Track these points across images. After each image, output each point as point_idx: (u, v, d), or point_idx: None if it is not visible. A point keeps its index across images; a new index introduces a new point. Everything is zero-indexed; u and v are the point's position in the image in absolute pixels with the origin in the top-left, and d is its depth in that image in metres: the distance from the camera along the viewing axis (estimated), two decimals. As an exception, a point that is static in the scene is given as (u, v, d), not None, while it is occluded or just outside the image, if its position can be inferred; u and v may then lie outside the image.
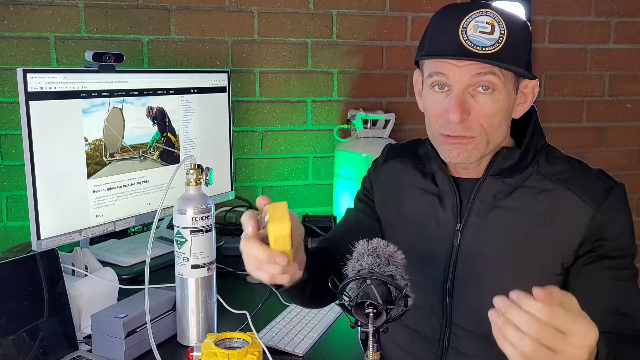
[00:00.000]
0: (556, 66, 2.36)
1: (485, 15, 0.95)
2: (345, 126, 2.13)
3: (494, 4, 2.15)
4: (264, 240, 0.85)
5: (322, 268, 0.99)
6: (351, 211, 1.26)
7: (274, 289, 1.02)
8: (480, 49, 0.93)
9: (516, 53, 0.96)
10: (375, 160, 1.25)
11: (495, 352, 1.02)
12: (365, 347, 0.81)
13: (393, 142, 2.01)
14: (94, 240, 1.70)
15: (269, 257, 0.84)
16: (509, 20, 0.96)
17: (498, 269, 1.03)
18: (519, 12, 2.20)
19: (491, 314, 0.73)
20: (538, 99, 2.33)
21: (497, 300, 0.72)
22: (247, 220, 0.86)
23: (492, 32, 0.94)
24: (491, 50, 0.93)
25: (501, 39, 0.94)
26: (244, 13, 2.07)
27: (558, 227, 1.00)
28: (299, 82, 2.14)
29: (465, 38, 0.94)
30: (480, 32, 0.94)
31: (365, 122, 2.05)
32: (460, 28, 0.94)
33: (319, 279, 0.95)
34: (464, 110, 0.96)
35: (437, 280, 1.08)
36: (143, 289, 1.13)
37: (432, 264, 1.07)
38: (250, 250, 0.86)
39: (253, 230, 0.86)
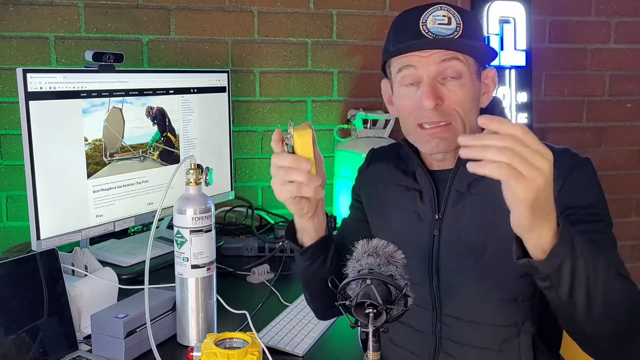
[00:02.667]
0: (556, 66, 2.36)
1: (441, 9, 1.03)
2: (345, 126, 2.13)
3: (494, 4, 2.17)
4: None
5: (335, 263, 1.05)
6: (346, 221, 1.31)
7: (297, 261, 1.08)
8: (441, 37, 1.01)
9: (474, 41, 1.04)
10: (359, 167, 1.30)
11: (485, 336, 1.06)
12: (365, 347, 0.81)
13: (393, 142, 2.01)
14: (93, 240, 1.70)
15: (295, 161, 0.92)
16: (462, 13, 1.04)
17: (479, 254, 1.06)
18: (519, 12, 2.20)
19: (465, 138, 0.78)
20: (538, 99, 2.34)
21: (479, 121, 0.78)
22: (276, 139, 0.95)
23: (449, 23, 1.02)
24: (451, 37, 1.01)
25: (458, 27, 1.02)
26: (244, 13, 2.07)
27: None
28: (299, 82, 2.14)
29: (427, 31, 1.02)
30: (439, 24, 1.02)
31: (365, 122, 2.05)
32: (420, 23, 1.02)
33: (336, 263, 1.03)
34: (437, 96, 1.02)
35: (423, 272, 1.10)
36: (143, 289, 1.13)
37: (417, 257, 1.10)
38: (279, 161, 0.94)
39: (280, 146, 0.95)
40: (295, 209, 0.99)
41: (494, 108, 1.13)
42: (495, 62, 2.21)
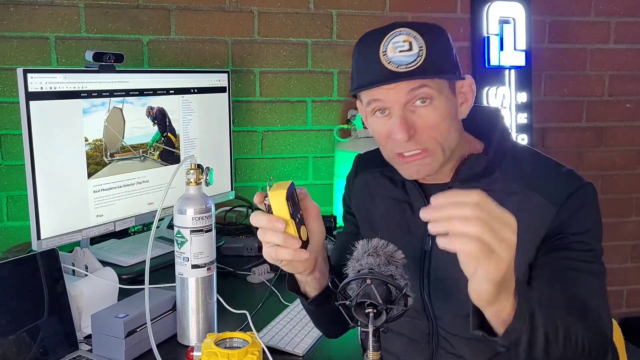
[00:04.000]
0: (556, 66, 2.36)
1: (400, 34, 0.96)
2: (345, 126, 2.13)
3: (494, 4, 2.17)
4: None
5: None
6: (341, 235, 1.29)
7: (303, 304, 1.07)
8: (404, 67, 0.95)
9: (440, 60, 0.98)
10: (347, 176, 1.26)
11: (478, 349, 1.05)
12: (365, 347, 0.81)
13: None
14: (94, 240, 1.70)
15: (269, 221, 0.90)
16: (423, 32, 0.97)
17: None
18: (519, 12, 2.21)
19: (426, 212, 0.74)
20: (538, 99, 2.34)
21: (433, 201, 0.74)
22: (257, 201, 0.95)
23: (410, 49, 0.96)
24: (415, 65, 0.95)
25: (421, 51, 0.96)
26: (244, 13, 2.07)
27: (525, 229, 0.96)
28: (299, 82, 2.14)
29: (388, 61, 0.96)
30: (400, 51, 0.96)
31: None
32: (381, 53, 0.97)
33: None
34: (409, 128, 0.97)
35: (414, 287, 1.05)
36: (143, 288, 1.13)
37: (406, 268, 1.07)
38: (254, 221, 0.93)
39: (259, 199, 0.95)
40: (289, 270, 0.97)
41: (494, 123, 1.09)
42: (495, 62, 2.21)
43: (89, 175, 1.51)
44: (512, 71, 2.23)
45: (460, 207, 0.71)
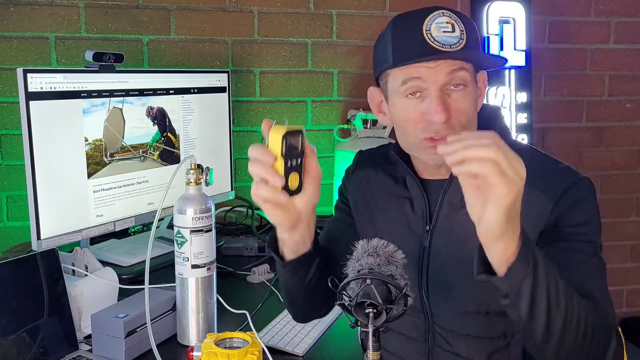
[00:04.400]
0: (556, 66, 2.36)
1: (443, 15, 0.97)
2: (345, 126, 2.13)
3: (494, 4, 2.17)
4: None
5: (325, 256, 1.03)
6: (331, 222, 1.26)
7: (278, 271, 1.04)
8: (449, 47, 0.95)
9: (477, 46, 1.00)
10: (347, 169, 1.25)
11: (475, 347, 1.05)
12: (365, 347, 0.81)
13: (392, 142, 2.01)
14: (94, 240, 1.70)
15: (260, 152, 0.87)
16: (462, 17, 0.99)
17: (469, 269, 1.02)
18: (519, 12, 2.21)
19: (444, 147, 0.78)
20: (538, 99, 2.34)
21: (449, 138, 0.78)
22: (264, 124, 0.91)
23: (453, 30, 0.96)
24: (458, 46, 0.96)
25: (462, 34, 0.97)
26: (244, 13, 2.07)
27: (525, 223, 0.99)
28: (299, 82, 2.14)
29: (432, 40, 0.95)
30: (443, 32, 0.96)
31: (365, 122, 2.05)
32: (424, 31, 0.96)
33: (325, 261, 1.02)
34: (447, 109, 0.97)
35: (412, 283, 1.04)
36: (143, 288, 1.13)
37: (406, 267, 1.07)
38: (250, 150, 0.89)
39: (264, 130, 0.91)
40: (268, 215, 0.95)
41: (493, 121, 1.10)
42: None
43: (89, 175, 1.51)
44: (512, 71, 2.23)
45: (477, 138, 0.76)
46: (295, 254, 1.00)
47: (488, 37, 2.20)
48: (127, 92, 1.60)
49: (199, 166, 1.20)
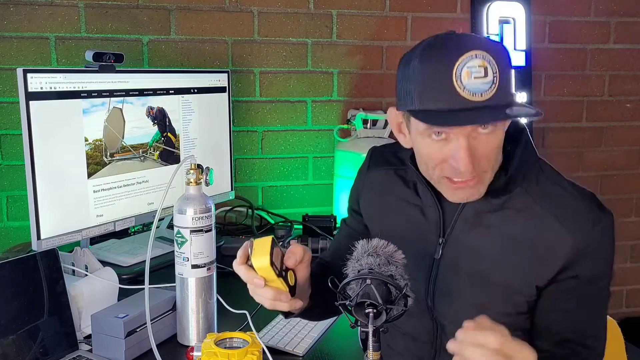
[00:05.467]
0: (556, 66, 2.36)
1: (476, 58, 0.87)
2: (345, 126, 2.13)
3: (494, 4, 2.17)
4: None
5: (326, 288, 0.97)
6: (344, 226, 1.28)
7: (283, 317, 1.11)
8: (480, 95, 0.87)
9: (509, 87, 0.92)
10: (360, 168, 1.23)
11: None
12: (365, 347, 0.81)
13: (392, 142, 2.01)
14: (94, 240, 1.70)
15: (249, 278, 0.95)
16: (495, 53, 0.89)
17: (477, 286, 1.03)
18: (519, 12, 2.20)
19: (449, 346, 0.82)
20: (538, 99, 2.34)
21: (458, 335, 0.82)
22: (239, 251, 0.97)
23: (486, 75, 0.87)
24: (490, 94, 0.88)
25: (495, 79, 0.88)
26: (244, 13, 2.07)
27: (538, 252, 0.98)
28: (299, 82, 2.14)
29: (462, 88, 0.87)
30: (475, 77, 0.87)
31: (365, 122, 2.05)
32: (454, 77, 0.87)
33: (325, 299, 1.00)
34: (472, 156, 0.91)
35: (420, 292, 1.07)
36: (143, 288, 1.13)
37: (414, 276, 1.01)
38: (238, 272, 0.98)
39: (241, 259, 0.97)
40: (273, 308, 1.01)
41: (518, 139, 1.03)
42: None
43: (89, 175, 1.51)
44: (512, 71, 2.23)
45: (477, 349, 0.79)
46: (298, 311, 1.06)
47: (488, 37, 2.20)
48: (127, 92, 1.60)
49: (199, 166, 1.20)
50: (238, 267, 0.97)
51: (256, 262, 0.92)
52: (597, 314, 1.03)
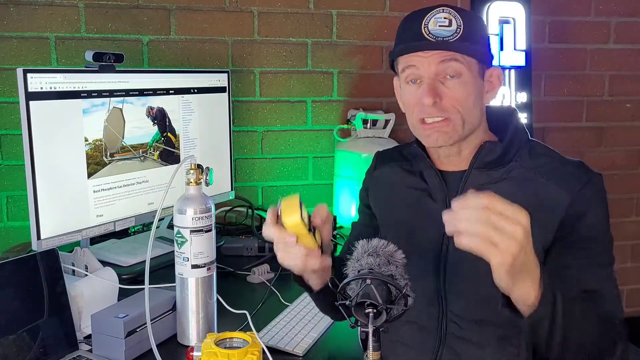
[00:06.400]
0: (556, 66, 2.36)
1: (442, 12, 1.07)
2: (345, 126, 2.13)
3: (494, 4, 2.17)
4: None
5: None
6: (356, 226, 1.34)
7: (312, 296, 1.13)
8: (441, 39, 1.05)
9: (473, 41, 1.07)
10: (367, 170, 1.33)
11: (487, 333, 1.08)
12: (365, 347, 0.81)
13: (394, 142, 2.01)
14: (94, 240, 1.70)
15: (280, 237, 0.97)
16: (464, 15, 1.07)
17: None
18: (519, 12, 2.20)
19: (445, 215, 0.84)
20: (538, 99, 2.34)
21: (453, 205, 0.83)
22: (268, 212, 1.00)
23: (450, 25, 1.06)
24: (451, 39, 1.05)
25: (459, 29, 1.05)
26: (244, 13, 2.07)
27: (541, 215, 1.04)
28: (299, 82, 2.14)
29: (428, 32, 1.06)
30: (439, 26, 1.06)
31: (365, 122, 2.05)
32: (423, 25, 1.07)
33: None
34: (436, 94, 1.06)
35: (430, 270, 1.13)
36: (143, 289, 1.13)
37: (425, 254, 1.13)
38: (267, 234, 0.99)
39: (271, 220, 0.99)
40: (296, 272, 1.05)
41: (509, 121, 1.17)
42: (495, 62, 2.21)
43: (89, 175, 1.51)
44: (512, 71, 2.23)
45: (468, 210, 0.81)
46: (321, 285, 1.08)
47: (488, 37, 2.20)
48: (127, 92, 1.60)
49: (199, 166, 1.20)
50: (270, 228, 0.98)
51: (287, 219, 0.94)
52: (604, 275, 1.06)
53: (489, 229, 0.79)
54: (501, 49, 2.20)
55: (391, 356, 1.18)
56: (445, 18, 1.06)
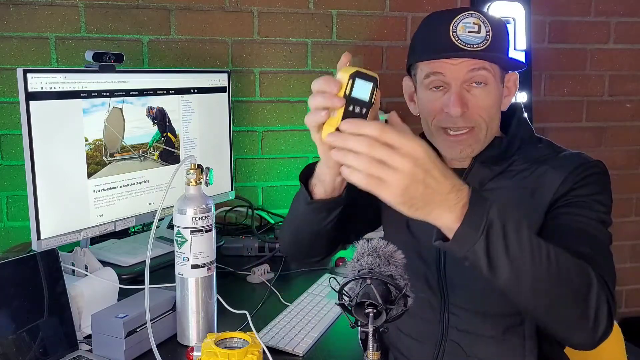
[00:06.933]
0: (556, 66, 2.36)
1: (471, 16, 1.04)
2: (345, 126, 2.13)
3: (494, 4, 2.17)
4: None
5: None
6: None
7: (300, 205, 1.05)
8: (471, 46, 1.03)
9: (501, 48, 1.07)
10: None
11: (491, 325, 1.08)
12: (365, 347, 0.81)
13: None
14: (94, 240, 1.70)
15: (326, 81, 0.85)
16: (491, 20, 1.06)
17: None
18: (519, 12, 2.20)
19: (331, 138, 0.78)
20: (538, 99, 2.34)
21: (341, 127, 0.77)
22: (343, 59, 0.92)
23: (479, 31, 1.04)
24: (481, 47, 1.04)
25: (487, 36, 1.04)
26: (244, 13, 2.07)
27: (537, 199, 1.07)
28: (299, 82, 2.14)
29: (457, 38, 1.03)
30: (469, 32, 1.04)
31: (365, 122, 2.05)
32: (451, 30, 1.04)
33: (335, 225, 1.06)
34: (464, 104, 1.05)
35: (431, 263, 1.12)
36: (143, 289, 1.13)
37: (427, 247, 1.11)
38: (314, 83, 0.87)
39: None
40: (320, 148, 0.89)
41: (513, 113, 1.17)
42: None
43: (89, 175, 1.51)
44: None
45: (355, 141, 0.74)
46: (326, 195, 1.01)
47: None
48: (127, 92, 1.60)
49: (199, 166, 1.20)
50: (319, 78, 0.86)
51: (345, 68, 0.83)
52: (594, 244, 0.97)
53: (373, 163, 0.74)
54: (501, 49, 2.20)
55: (396, 348, 1.18)
56: (474, 24, 1.04)
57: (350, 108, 0.80)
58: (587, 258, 0.91)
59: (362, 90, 0.81)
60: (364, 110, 0.81)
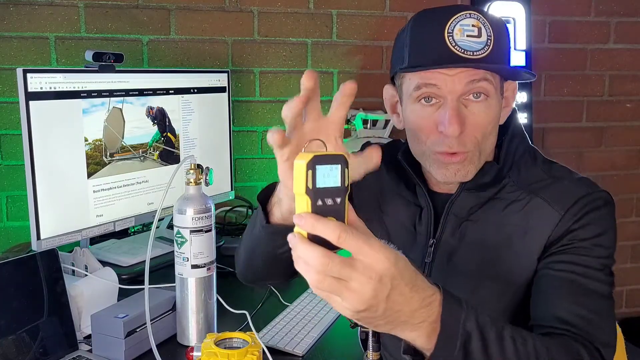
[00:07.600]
0: (556, 66, 2.36)
1: (470, 17, 0.87)
2: (345, 126, 2.13)
3: (494, 4, 2.17)
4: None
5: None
6: None
7: (255, 228, 0.93)
8: (471, 53, 0.87)
9: (504, 54, 0.92)
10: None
11: None
12: (365, 347, 0.81)
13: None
14: (94, 240, 1.70)
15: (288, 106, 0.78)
16: (492, 21, 0.90)
17: (472, 283, 0.98)
18: (519, 12, 2.20)
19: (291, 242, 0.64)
20: (538, 99, 2.34)
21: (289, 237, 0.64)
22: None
23: (479, 35, 0.87)
24: (482, 54, 0.87)
25: (489, 41, 0.88)
26: (244, 13, 2.07)
27: (529, 237, 0.94)
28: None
29: (454, 44, 0.87)
30: (467, 36, 0.87)
31: (365, 122, 2.05)
32: (446, 33, 0.87)
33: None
34: (461, 122, 0.89)
35: None
36: (143, 289, 1.13)
37: (410, 259, 1.02)
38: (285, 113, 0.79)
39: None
40: (280, 167, 0.80)
41: (506, 124, 1.03)
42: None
43: (89, 175, 1.51)
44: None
45: (306, 251, 0.62)
46: (283, 220, 0.86)
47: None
48: (127, 92, 1.60)
49: (199, 166, 1.20)
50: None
51: (299, 156, 0.68)
52: (591, 305, 0.88)
53: (327, 279, 0.61)
54: (501, 49, 2.20)
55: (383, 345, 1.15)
56: (473, 26, 0.87)
57: (320, 203, 0.63)
58: (583, 321, 0.85)
59: (328, 177, 0.64)
60: (339, 200, 0.64)
